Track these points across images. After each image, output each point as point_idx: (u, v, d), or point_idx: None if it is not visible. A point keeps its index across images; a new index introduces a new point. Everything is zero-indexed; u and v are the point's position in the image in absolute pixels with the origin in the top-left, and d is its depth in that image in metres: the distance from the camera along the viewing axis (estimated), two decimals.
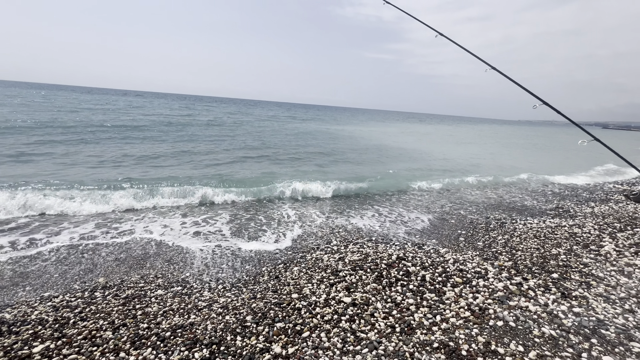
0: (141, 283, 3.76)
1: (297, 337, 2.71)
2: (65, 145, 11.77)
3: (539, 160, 18.10)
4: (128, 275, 3.95)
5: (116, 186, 7.40)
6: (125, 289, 3.58)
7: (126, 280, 3.81)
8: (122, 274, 3.99)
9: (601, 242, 5.02)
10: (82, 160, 9.92)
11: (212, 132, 19.63)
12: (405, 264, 4.11)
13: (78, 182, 7.40)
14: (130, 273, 4.03)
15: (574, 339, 2.75)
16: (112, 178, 8.10)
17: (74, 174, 8.30)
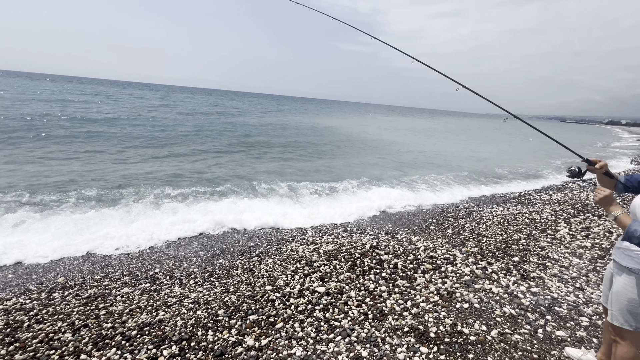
0: (105, 281, 3.56)
1: (270, 328, 2.69)
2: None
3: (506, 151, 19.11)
4: (91, 274, 3.73)
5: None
6: (87, 289, 3.38)
7: (88, 280, 3.60)
8: (84, 273, 3.77)
9: (557, 227, 5.40)
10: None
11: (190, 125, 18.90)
12: (378, 252, 4.19)
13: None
14: (94, 271, 3.82)
15: (531, 317, 2.96)
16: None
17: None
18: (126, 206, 5.91)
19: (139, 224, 5.09)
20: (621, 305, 1.84)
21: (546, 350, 2.53)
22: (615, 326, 1.90)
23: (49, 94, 30.97)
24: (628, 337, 1.86)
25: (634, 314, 1.81)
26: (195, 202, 6.34)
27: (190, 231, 5.05)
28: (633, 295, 1.79)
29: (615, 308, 1.88)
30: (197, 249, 4.53)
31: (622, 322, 1.85)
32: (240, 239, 4.94)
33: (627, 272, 1.83)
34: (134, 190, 6.71)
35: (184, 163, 9.70)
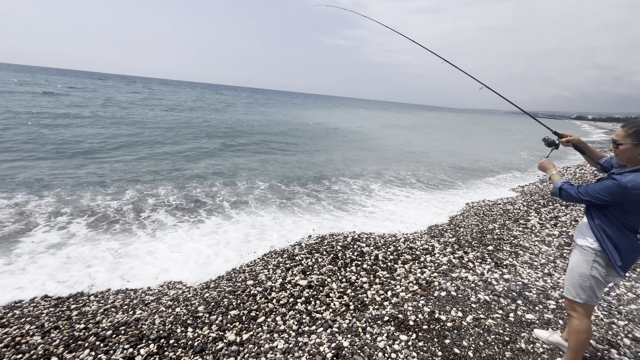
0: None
1: (252, 323, 2.68)
2: None
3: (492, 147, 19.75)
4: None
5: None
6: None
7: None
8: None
9: (528, 216, 5.67)
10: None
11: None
12: (359, 244, 4.25)
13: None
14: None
15: (504, 302, 3.10)
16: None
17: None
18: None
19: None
20: (573, 279, 2.01)
21: (517, 333, 2.67)
22: (568, 300, 2.06)
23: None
24: (580, 309, 2.01)
25: (584, 287, 1.96)
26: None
27: None
28: (583, 270, 1.95)
29: (569, 282, 2.05)
30: None
31: (573, 295, 2.01)
32: None
33: (579, 249, 2.00)
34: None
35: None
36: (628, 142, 1.80)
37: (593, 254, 1.93)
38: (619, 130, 1.87)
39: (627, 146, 1.80)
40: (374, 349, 2.43)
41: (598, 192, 1.81)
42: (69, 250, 3.95)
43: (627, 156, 1.84)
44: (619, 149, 1.84)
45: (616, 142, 1.86)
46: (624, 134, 1.83)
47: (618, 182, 1.74)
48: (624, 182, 1.72)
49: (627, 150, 1.81)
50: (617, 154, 1.88)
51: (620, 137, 1.84)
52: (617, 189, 1.74)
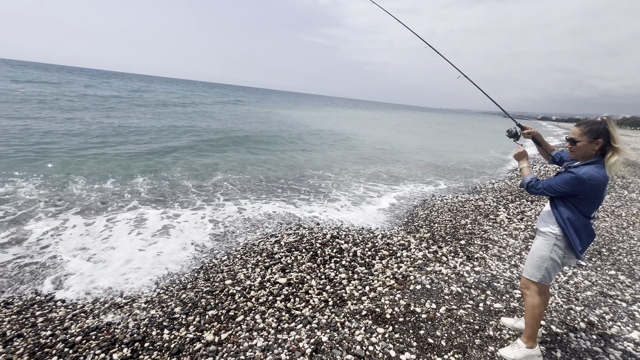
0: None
1: (230, 322, 2.66)
2: None
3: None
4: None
5: None
6: (19, 296, 3.04)
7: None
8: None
9: (497, 212, 5.98)
10: None
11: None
12: (338, 241, 4.31)
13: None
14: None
15: (474, 293, 3.27)
16: None
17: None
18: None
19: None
20: (533, 260, 2.22)
21: (486, 321, 2.82)
22: (524, 279, 2.29)
23: None
24: (534, 287, 2.25)
25: (541, 268, 2.18)
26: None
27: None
28: (544, 252, 2.17)
29: (528, 264, 2.26)
30: None
31: (530, 275, 2.23)
32: None
33: (541, 234, 2.22)
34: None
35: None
36: (584, 139, 2.00)
37: (554, 238, 2.13)
38: (575, 129, 2.06)
39: (584, 143, 2.00)
40: (352, 342, 2.49)
41: (559, 185, 2.00)
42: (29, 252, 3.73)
43: (582, 152, 2.03)
44: (577, 145, 2.03)
45: (574, 140, 2.04)
46: (580, 132, 2.01)
47: (576, 175, 1.94)
48: (580, 174, 1.93)
49: (583, 147, 2.01)
50: (573, 151, 2.07)
51: (577, 135, 2.02)
52: (575, 181, 1.95)
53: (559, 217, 2.07)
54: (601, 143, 1.97)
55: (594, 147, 1.99)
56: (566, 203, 2.05)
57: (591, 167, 1.95)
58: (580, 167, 1.97)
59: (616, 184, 9.30)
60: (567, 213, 2.04)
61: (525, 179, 2.21)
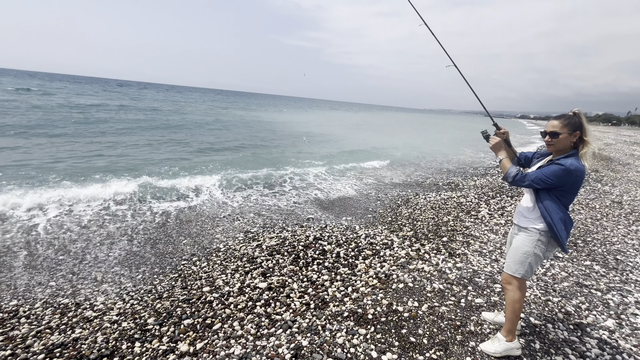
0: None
1: (207, 330, 2.56)
2: None
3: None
4: None
5: None
6: None
7: None
8: None
9: (479, 208, 6.07)
10: None
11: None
12: (321, 243, 4.26)
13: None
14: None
15: (456, 289, 3.28)
16: None
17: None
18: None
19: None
20: (516, 257, 2.22)
21: (467, 317, 2.83)
22: (506, 275, 2.29)
23: None
24: (515, 282, 2.25)
25: (524, 263, 2.19)
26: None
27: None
28: (527, 248, 2.17)
29: (511, 260, 2.26)
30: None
31: (513, 271, 2.23)
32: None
33: (524, 230, 2.22)
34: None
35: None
36: (565, 132, 2.02)
37: (537, 234, 2.14)
38: (555, 122, 2.07)
39: (565, 135, 2.02)
40: (333, 345, 2.43)
41: (548, 177, 1.99)
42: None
43: (562, 145, 2.05)
44: (559, 138, 2.03)
45: (556, 133, 2.04)
46: (561, 125, 2.03)
47: (564, 166, 1.95)
48: (567, 165, 1.94)
49: (564, 139, 2.03)
50: (554, 144, 2.07)
51: (558, 128, 2.04)
52: (564, 173, 1.95)
53: (545, 212, 2.07)
54: (578, 135, 2.03)
55: (572, 140, 2.03)
56: (551, 196, 2.06)
57: (574, 159, 1.99)
58: (565, 159, 1.99)
59: (590, 178, 9.65)
60: (553, 207, 2.05)
61: (509, 172, 2.15)
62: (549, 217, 2.07)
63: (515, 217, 2.34)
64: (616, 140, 28.29)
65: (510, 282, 2.26)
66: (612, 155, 16.01)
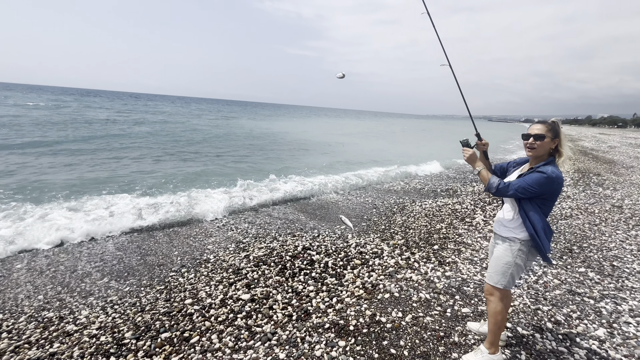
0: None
1: (183, 344, 2.53)
2: None
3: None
4: None
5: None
6: None
7: None
8: None
9: (474, 214, 6.00)
10: None
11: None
12: (310, 253, 4.23)
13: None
14: None
15: (443, 298, 3.21)
16: None
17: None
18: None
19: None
20: (498, 267, 2.16)
21: (452, 327, 2.76)
22: (489, 286, 2.23)
23: None
24: (498, 294, 2.20)
25: (506, 274, 2.14)
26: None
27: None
28: (509, 258, 2.12)
29: (493, 270, 2.20)
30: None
31: (495, 282, 2.17)
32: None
33: (505, 240, 2.16)
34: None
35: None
36: (549, 136, 2.00)
37: (519, 244, 2.09)
38: (539, 126, 2.03)
39: (547, 140, 2.00)
40: (311, 357, 2.39)
41: (532, 186, 1.94)
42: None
43: (544, 149, 2.02)
44: (543, 141, 2.00)
45: (541, 135, 2.00)
46: (545, 129, 2.00)
47: (547, 174, 1.91)
48: (549, 173, 1.91)
49: (547, 143, 2.01)
50: (535, 147, 2.02)
51: (544, 132, 2.00)
52: (547, 181, 1.91)
53: (528, 222, 2.02)
54: (557, 142, 2.02)
55: (552, 145, 2.02)
56: (533, 205, 2.01)
57: (554, 167, 1.97)
58: (545, 167, 1.96)
59: (592, 182, 9.50)
60: (535, 217, 2.01)
61: (491, 183, 2.10)
62: (531, 228, 2.02)
63: (495, 227, 2.29)
64: (621, 142, 27.93)
65: (493, 293, 2.21)
66: (616, 158, 15.79)
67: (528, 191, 1.97)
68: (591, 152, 19.09)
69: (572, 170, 11.56)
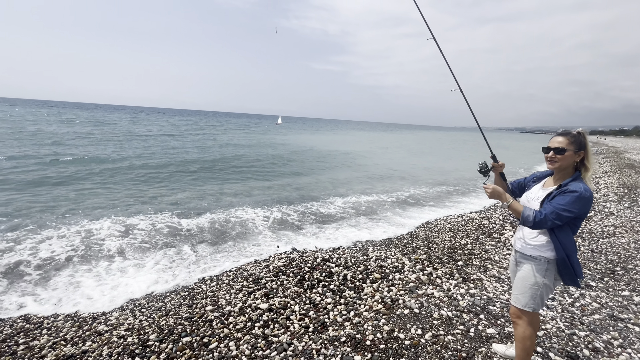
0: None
1: (203, 349, 2.60)
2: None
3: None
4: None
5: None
6: (10, 324, 3.13)
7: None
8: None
9: (503, 230, 5.70)
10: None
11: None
12: (329, 265, 4.22)
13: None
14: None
15: (466, 317, 3.06)
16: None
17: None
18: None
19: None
20: (525, 288, 2.01)
21: (475, 348, 2.62)
22: (515, 309, 2.07)
23: None
24: (526, 317, 2.04)
25: (534, 296, 1.98)
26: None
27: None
28: (536, 279, 1.97)
29: (519, 292, 2.04)
30: None
31: (523, 304, 2.01)
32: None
33: (531, 260, 2.01)
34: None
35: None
36: (571, 149, 1.88)
37: (546, 263, 1.96)
38: (560, 138, 1.92)
39: (570, 153, 1.88)
40: None
41: (567, 210, 1.79)
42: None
43: (567, 163, 1.90)
44: (565, 155, 1.89)
45: (562, 149, 1.89)
46: (567, 142, 1.88)
47: (578, 192, 1.77)
48: (582, 191, 1.77)
49: (569, 157, 1.89)
50: (557, 161, 1.91)
51: (564, 144, 1.88)
52: (582, 201, 1.78)
53: (559, 244, 1.87)
54: (582, 155, 1.89)
55: (576, 159, 1.90)
56: (564, 225, 1.87)
57: (581, 183, 1.83)
58: (573, 184, 1.83)
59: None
60: (567, 238, 1.87)
61: (526, 216, 1.86)
62: (562, 251, 1.87)
63: (518, 244, 2.12)
64: None
65: (520, 316, 2.05)
66: None
67: (564, 217, 1.79)
68: (639, 165, 17.55)
69: (616, 185, 10.68)
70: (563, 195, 1.83)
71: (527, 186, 2.21)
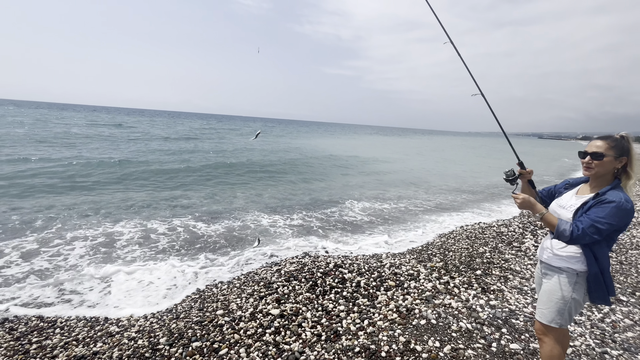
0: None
1: (212, 355, 2.54)
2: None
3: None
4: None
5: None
6: (25, 322, 3.15)
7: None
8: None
9: (523, 239, 5.47)
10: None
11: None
12: (342, 271, 4.11)
13: None
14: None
15: (487, 330, 2.90)
16: None
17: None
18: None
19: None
20: (551, 303, 1.86)
21: None
22: (540, 324, 1.92)
23: None
24: (553, 335, 1.89)
25: (562, 311, 1.83)
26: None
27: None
28: (565, 292, 1.82)
29: (545, 306, 1.89)
30: None
31: (549, 320, 1.86)
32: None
33: (558, 272, 1.86)
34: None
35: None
36: (611, 154, 1.72)
37: (575, 276, 1.81)
38: (598, 142, 1.76)
39: (610, 159, 1.72)
40: None
41: (606, 221, 1.62)
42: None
43: (605, 169, 1.75)
44: (603, 161, 1.73)
45: (600, 154, 1.74)
46: (607, 147, 1.73)
47: (617, 203, 1.62)
48: (622, 202, 1.62)
49: (608, 163, 1.73)
50: (595, 166, 1.76)
51: (603, 149, 1.73)
52: (622, 212, 1.62)
53: (592, 258, 1.72)
54: (624, 162, 1.72)
55: (617, 166, 1.73)
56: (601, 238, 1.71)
57: (621, 192, 1.68)
58: (612, 193, 1.67)
59: None
60: (603, 251, 1.72)
61: (561, 230, 1.70)
62: (595, 265, 1.72)
63: (544, 254, 1.96)
64: None
65: (546, 333, 1.90)
66: None
67: (603, 230, 1.63)
68: None
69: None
70: (601, 207, 1.66)
71: (557, 193, 2.06)
